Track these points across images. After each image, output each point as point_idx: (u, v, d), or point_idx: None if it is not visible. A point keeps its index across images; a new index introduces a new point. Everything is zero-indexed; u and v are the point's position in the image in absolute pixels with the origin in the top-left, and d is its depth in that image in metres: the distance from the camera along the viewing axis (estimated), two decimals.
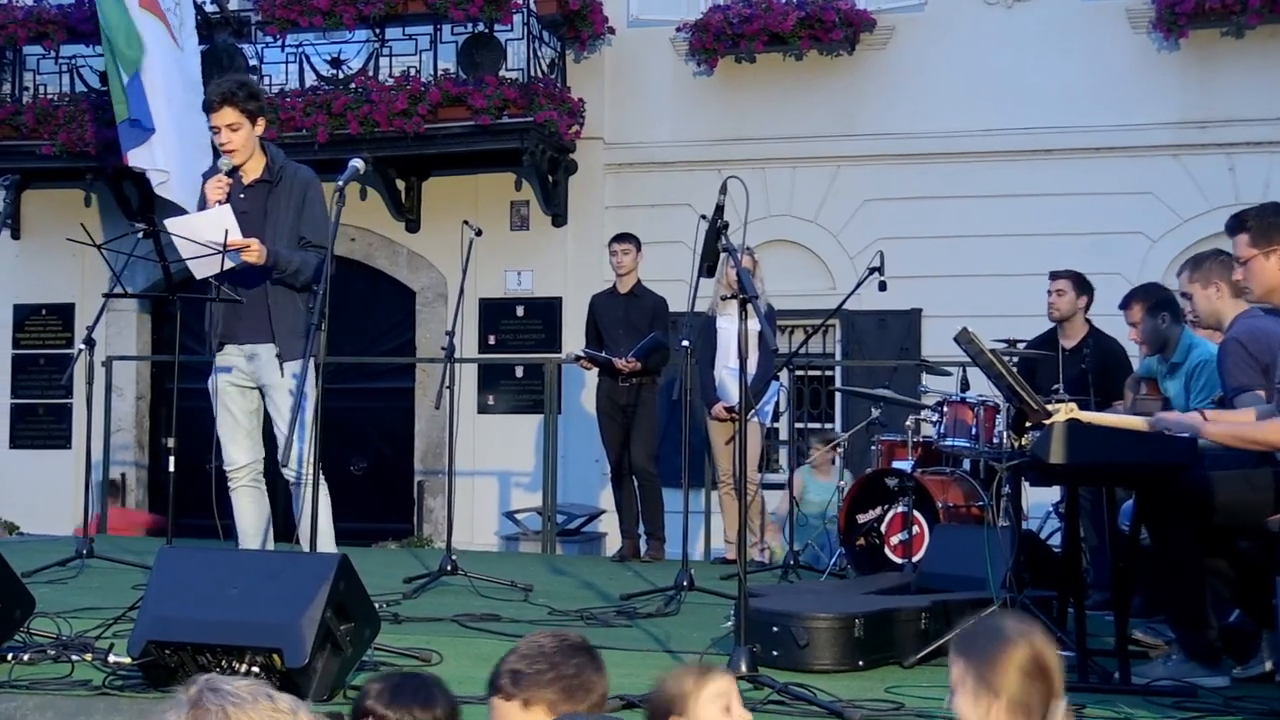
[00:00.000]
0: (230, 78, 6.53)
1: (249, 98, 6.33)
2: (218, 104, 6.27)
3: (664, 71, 13.20)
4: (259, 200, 6.35)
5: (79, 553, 8.05)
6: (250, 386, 6.43)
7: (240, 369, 6.41)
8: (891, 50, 12.69)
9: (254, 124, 6.36)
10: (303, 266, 6.28)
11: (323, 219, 6.39)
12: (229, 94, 6.27)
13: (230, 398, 6.41)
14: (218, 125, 6.30)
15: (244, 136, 6.32)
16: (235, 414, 6.42)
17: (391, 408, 13.68)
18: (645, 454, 9.72)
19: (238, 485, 6.43)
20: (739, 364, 5.56)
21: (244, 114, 6.29)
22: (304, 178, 6.44)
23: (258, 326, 6.35)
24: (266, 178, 6.39)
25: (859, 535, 8.43)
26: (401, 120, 12.21)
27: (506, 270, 13.20)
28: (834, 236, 12.69)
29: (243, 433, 6.44)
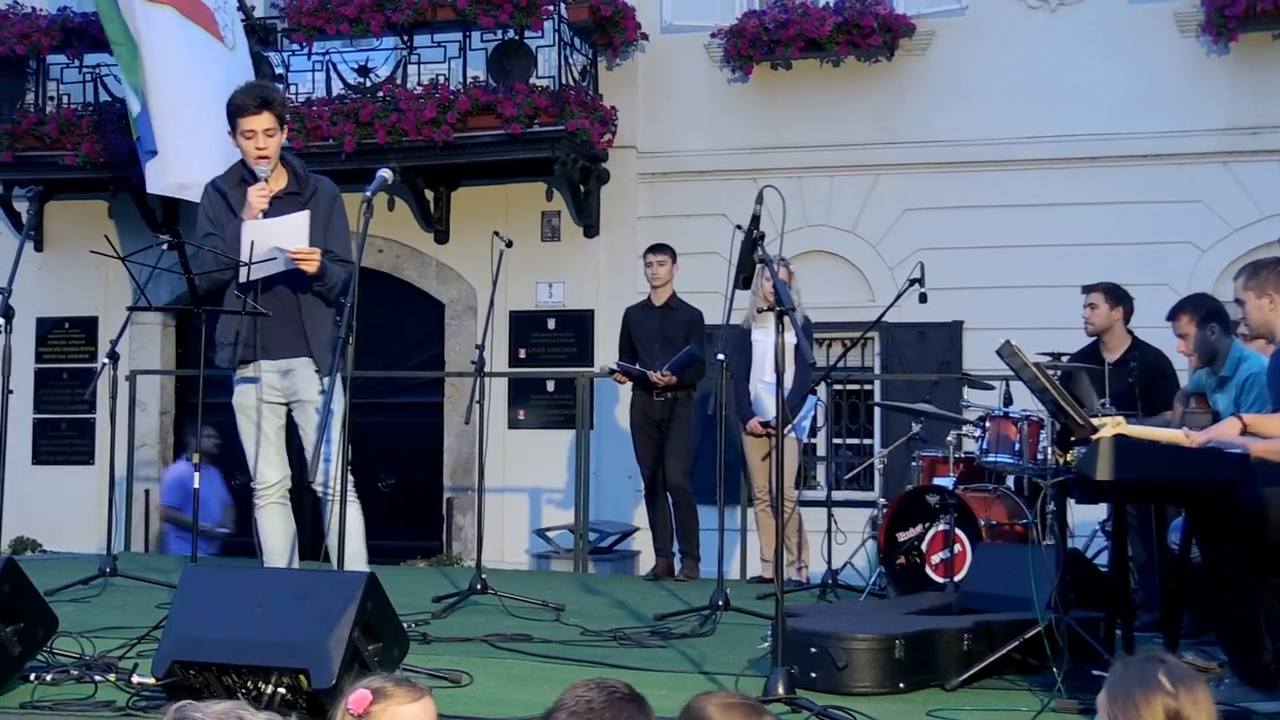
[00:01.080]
0: (262, 82, 6.54)
1: (281, 103, 6.36)
2: (256, 107, 6.21)
3: (698, 79, 13.21)
4: (289, 210, 6.32)
5: (102, 571, 8.09)
6: (281, 402, 6.42)
7: (273, 385, 6.38)
8: (931, 56, 12.67)
9: (282, 130, 6.36)
10: (338, 280, 6.30)
11: (346, 232, 6.42)
12: (267, 98, 6.24)
13: (262, 415, 6.40)
14: (254, 129, 6.22)
15: (278, 144, 6.31)
16: (267, 431, 6.40)
17: (420, 423, 13.70)
18: (680, 470, 9.72)
19: (267, 503, 6.42)
20: (775, 378, 5.55)
21: (278, 119, 6.28)
22: (330, 190, 6.46)
23: (292, 340, 6.33)
24: (294, 189, 6.36)
25: (899, 554, 8.40)
26: (430, 129, 12.25)
27: (537, 282, 13.22)
28: (873, 247, 12.67)
29: (274, 450, 6.43)
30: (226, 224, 6.33)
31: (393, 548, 12.22)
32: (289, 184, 6.39)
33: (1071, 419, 5.35)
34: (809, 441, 11.40)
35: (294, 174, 6.40)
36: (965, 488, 8.37)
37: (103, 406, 11.85)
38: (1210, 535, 5.26)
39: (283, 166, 6.40)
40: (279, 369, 6.38)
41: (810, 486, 12.34)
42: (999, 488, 8.46)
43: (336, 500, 6.13)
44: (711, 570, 8.41)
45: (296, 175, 6.40)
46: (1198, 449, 5.09)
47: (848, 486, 12.42)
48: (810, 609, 7.32)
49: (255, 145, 6.25)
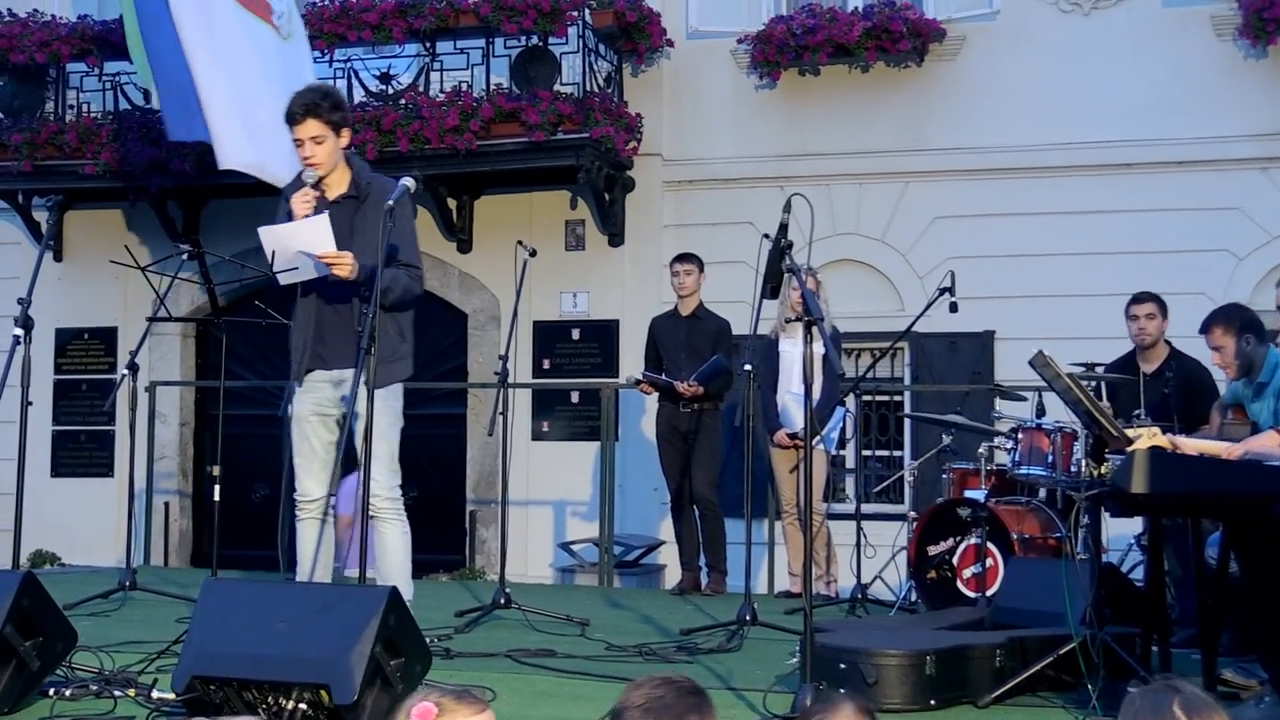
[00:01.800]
0: (313, 87, 6.50)
1: (333, 109, 6.29)
2: (300, 116, 6.23)
3: (724, 85, 13.21)
4: (345, 217, 6.30)
5: (121, 584, 8.11)
6: (334, 416, 6.36)
7: (327, 397, 6.33)
8: (962, 61, 12.65)
9: (338, 135, 6.31)
10: (393, 284, 6.17)
11: (413, 238, 6.36)
12: (312, 105, 6.24)
13: (312, 427, 6.34)
14: (300, 138, 6.25)
15: (328, 150, 6.27)
16: (314, 444, 6.35)
17: (442, 434, 13.72)
18: (706, 482, 9.71)
19: (306, 517, 6.37)
20: (803, 389, 5.55)
21: (328, 125, 6.25)
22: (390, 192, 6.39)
23: (346, 350, 6.26)
24: (353, 193, 6.34)
25: (930, 568, 8.38)
26: (453, 137, 12.28)
27: (562, 292, 13.24)
28: (903, 256, 12.65)
29: (319, 464, 6.35)
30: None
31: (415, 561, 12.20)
32: (348, 189, 6.38)
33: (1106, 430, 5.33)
34: (837, 453, 11.37)
35: (354, 178, 6.38)
36: (997, 500, 8.35)
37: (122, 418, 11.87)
38: (1249, 549, 5.23)
39: (345, 169, 6.38)
40: (332, 380, 6.32)
41: (839, 499, 12.32)
42: (1032, 501, 8.43)
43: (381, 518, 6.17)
44: (738, 584, 8.39)
45: (355, 179, 6.38)
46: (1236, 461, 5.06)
47: (877, 499, 12.39)
48: (839, 624, 7.30)
49: (303, 153, 6.28)
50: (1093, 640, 5.50)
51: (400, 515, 6.34)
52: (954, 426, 9.05)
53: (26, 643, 5.15)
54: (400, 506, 6.36)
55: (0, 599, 5.17)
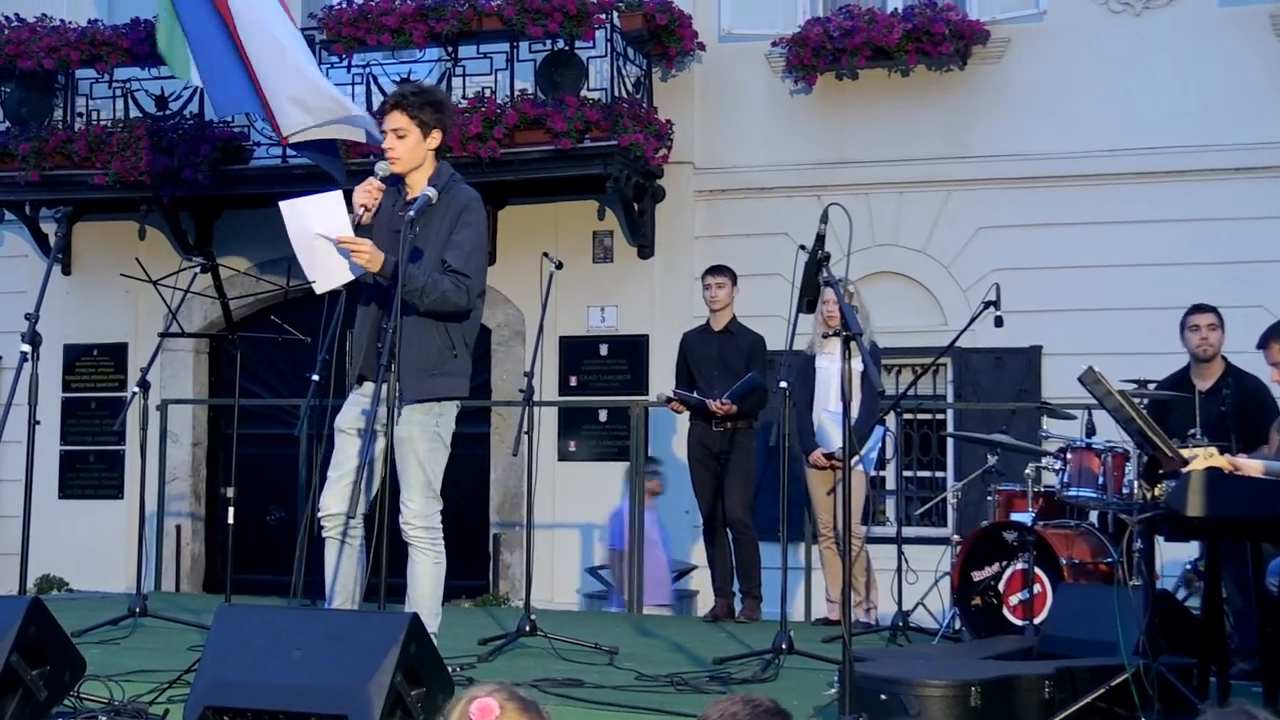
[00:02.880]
0: (416, 84, 6.56)
1: (423, 106, 6.27)
2: (389, 107, 6.32)
3: (758, 90, 13.22)
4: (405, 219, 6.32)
5: (131, 611, 8.14)
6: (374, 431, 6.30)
7: (365, 410, 6.21)
8: (1007, 64, 12.63)
9: (426, 135, 6.29)
10: (430, 287, 6.08)
11: (474, 246, 6.27)
12: (400, 98, 6.29)
13: (350, 440, 6.28)
14: (385, 129, 6.31)
15: (409, 145, 6.26)
16: (350, 457, 6.25)
17: (465, 454, 13.64)
18: (740, 505, 9.70)
19: (327, 535, 6.31)
20: (841, 407, 5.53)
21: (414, 121, 6.24)
22: (462, 199, 6.33)
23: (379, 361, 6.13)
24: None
25: (974, 594, 8.35)
26: (476, 145, 12.31)
27: (589, 306, 13.25)
28: (945, 268, 12.63)
29: (347, 480, 6.22)
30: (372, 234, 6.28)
31: None
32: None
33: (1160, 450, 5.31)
34: (877, 474, 11.33)
35: (433, 179, 6.30)
36: (1045, 524, 8.31)
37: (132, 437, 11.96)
38: None
39: (431, 167, 6.35)
40: (367, 393, 6.22)
41: (879, 522, 12.28)
42: (1081, 524, 8.39)
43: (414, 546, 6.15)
44: (774, 611, 8.37)
45: (432, 183, 6.27)
46: None
47: (919, 522, 12.36)
48: (880, 653, 7.28)
49: (386, 145, 6.31)
50: (1147, 671, 5.47)
51: (435, 544, 6.30)
52: (999, 446, 9.02)
53: (33, 672, 5.16)
54: (437, 536, 6.30)
55: (6, 626, 5.19)
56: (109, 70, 13.61)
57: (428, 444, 6.22)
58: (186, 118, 13.44)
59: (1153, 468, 5.54)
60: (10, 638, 5.14)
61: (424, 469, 6.19)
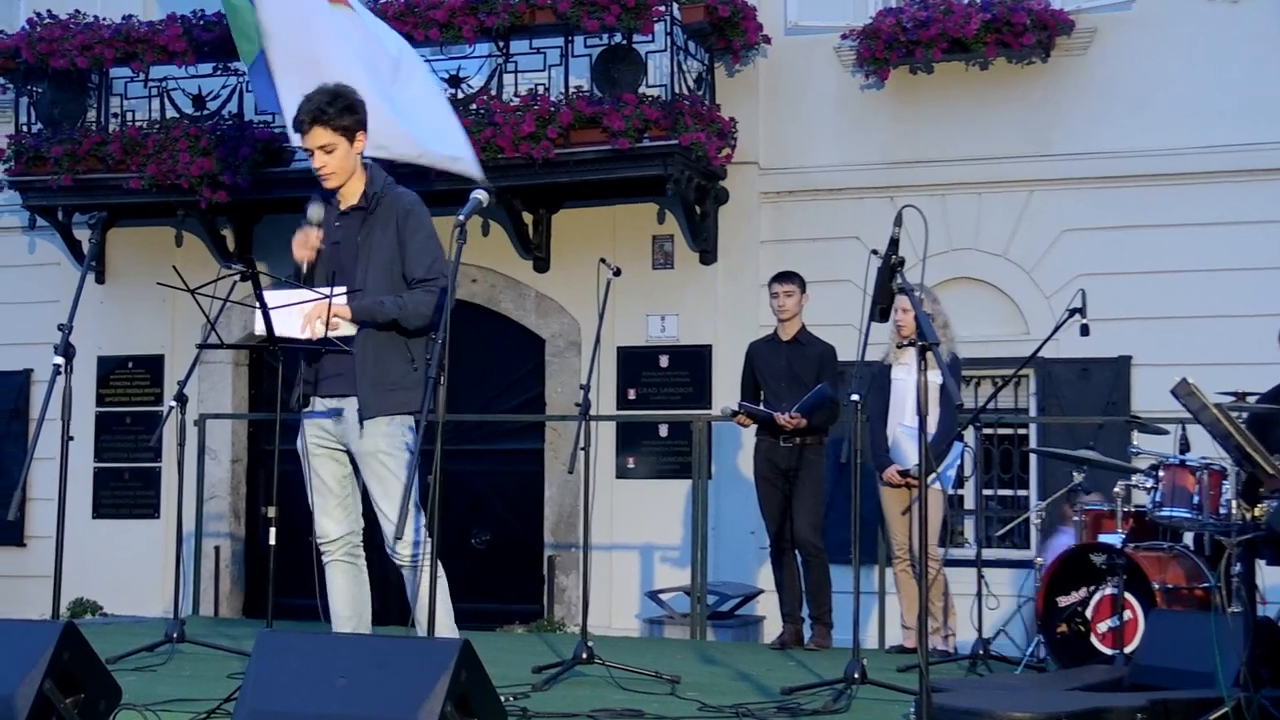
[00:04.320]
0: (320, 90, 6.48)
1: (342, 112, 6.28)
2: (307, 124, 6.25)
3: (827, 85, 13.19)
4: (352, 231, 6.32)
5: (169, 636, 8.19)
6: (339, 448, 6.36)
7: (325, 428, 6.34)
8: (1093, 56, 12.55)
9: (352, 142, 6.32)
10: (405, 313, 6.18)
11: (429, 248, 6.32)
12: (318, 112, 6.24)
13: (319, 461, 6.36)
14: (310, 148, 6.28)
15: (340, 158, 6.29)
16: (325, 479, 6.36)
17: (518, 472, 13.76)
18: (810, 525, 9.67)
19: (331, 560, 6.38)
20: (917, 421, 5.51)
21: (338, 132, 6.26)
22: (403, 205, 6.37)
23: (343, 376, 6.27)
24: (362, 205, 6.36)
25: (1060, 621, 8.30)
26: (528, 145, 12.34)
27: (648, 314, 13.25)
28: (1027, 273, 12.56)
29: (334, 501, 6.36)
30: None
31: (488, 611, 12.28)
32: (360, 199, 6.38)
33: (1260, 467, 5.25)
34: (955, 493, 11.28)
35: (365, 188, 6.38)
36: (1136, 546, 8.26)
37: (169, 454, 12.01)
38: None
39: (362, 179, 6.40)
40: (328, 410, 6.33)
41: (957, 544, 12.22)
42: (1175, 546, 8.33)
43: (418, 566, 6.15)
44: (846, 638, 8.35)
45: (366, 190, 6.37)
46: None
47: (1000, 544, 12.28)
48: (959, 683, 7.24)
49: (314, 164, 6.31)
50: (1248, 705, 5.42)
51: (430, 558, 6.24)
52: (1086, 463, 8.96)
53: (67, 700, 5.20)
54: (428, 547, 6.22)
55: (39, 652, 5.24)
56: (145, 69, 13.72)
57: (397, 455, 6.23)
58: (225, 118, 13.54)
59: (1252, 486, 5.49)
60: (43, 665, 5.19)
61: (399, 479, 6.17)
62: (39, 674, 5.17)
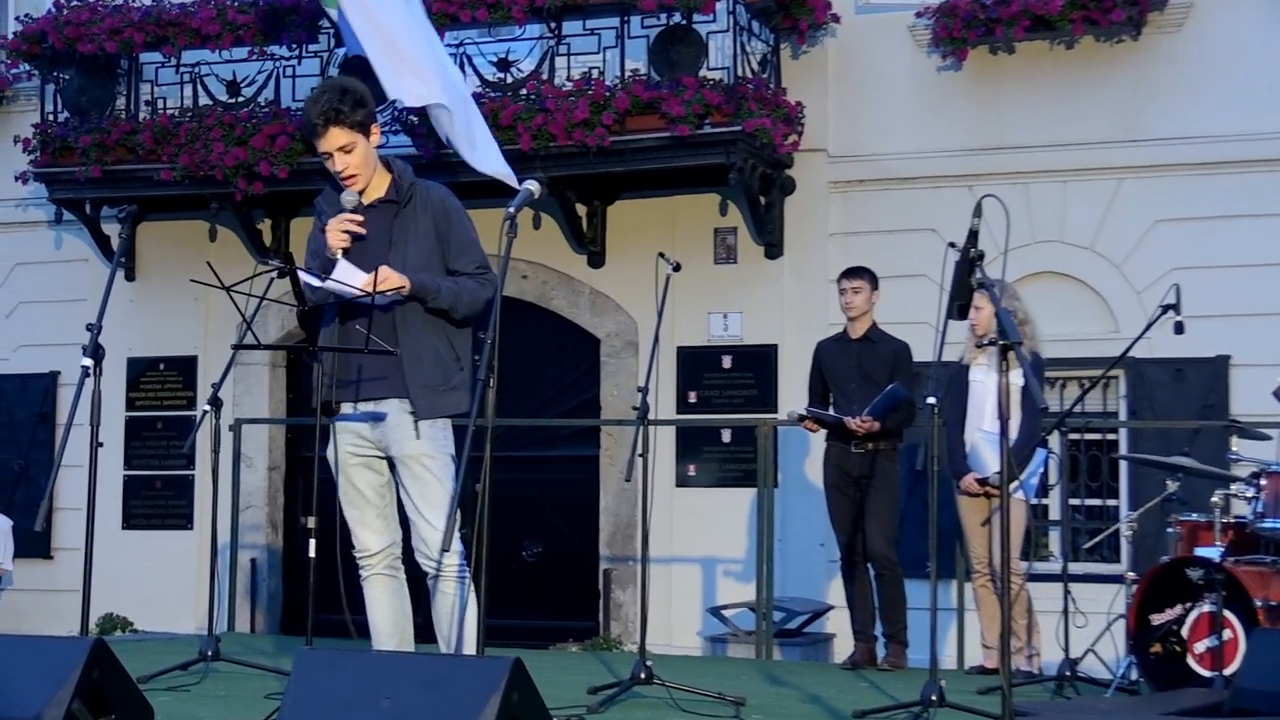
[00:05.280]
0: (329, 85, 6.47)
1: (355, 107, 6.27)
2: (322, 127, 6.23)
3: (901, 67, 13.16)
4: (382, 223, 6.32)
5: (203, 654, 8.24)
6: (377, 456, 6.37)
7: (362, 435, 6.34)
8: (1189, 33, 12.48)
9: (368, 136, 6.33)
10: (457, 297, 6.21)
11: (474, 239, 6.37)
12: (332, 112, 6.21)
13: (355, 470, 6.37)
14: (328, 151, 6.27)
15: (360, 156, 6.29)
16: (362, 489, 6.37)
17: (571, 480, 13.79)
18: (883, 537, 9.66)
19: (371, 574, 6.41)
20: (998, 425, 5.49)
21: (355, 129, 6.26)
22: (438, 196, 6.41)
23: (385, 377, 6.27)
24: (392, 197, 6.37)
25: (1154, 640, 8.25)
26: (582, 132, 12.36)
27: (710, 312, 13.26)
28: (1116, 267, 12.50)
29: (374, 512, 6.37)
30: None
31: (541, 628, 12.32)
32: (387, 192, 6.40)
33: None
34: (1038, 503, 11.23)
35: (394, 181, 6.41)
36: (1236, 560, 8.20)
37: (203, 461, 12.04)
38: None
39: (385, 172, 6.42)
40: (367, 414, 6.33)
41: (1041, 557, 12.18)
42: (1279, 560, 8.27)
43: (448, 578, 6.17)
44: (922, 658, 8.33)
45: (395, 183, 6.41)
46: None
47: (1088, 558, 12.23)
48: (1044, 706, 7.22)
49: (334, 168, 6.30)
50: None
51: (466, 572, 6.29)
52: (1181, 470, 8.90)
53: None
54: (464, 562, 6.30)
55: (67, 670, 5.28)
56: (176, 53, 13.81)
57: (442, 459, 6.24)
58: (261, 105, 13.62)
59: None
60: (72, 683, 5.23)
61: (445, 487, 6.20)
62: (67, 693, 5.21)
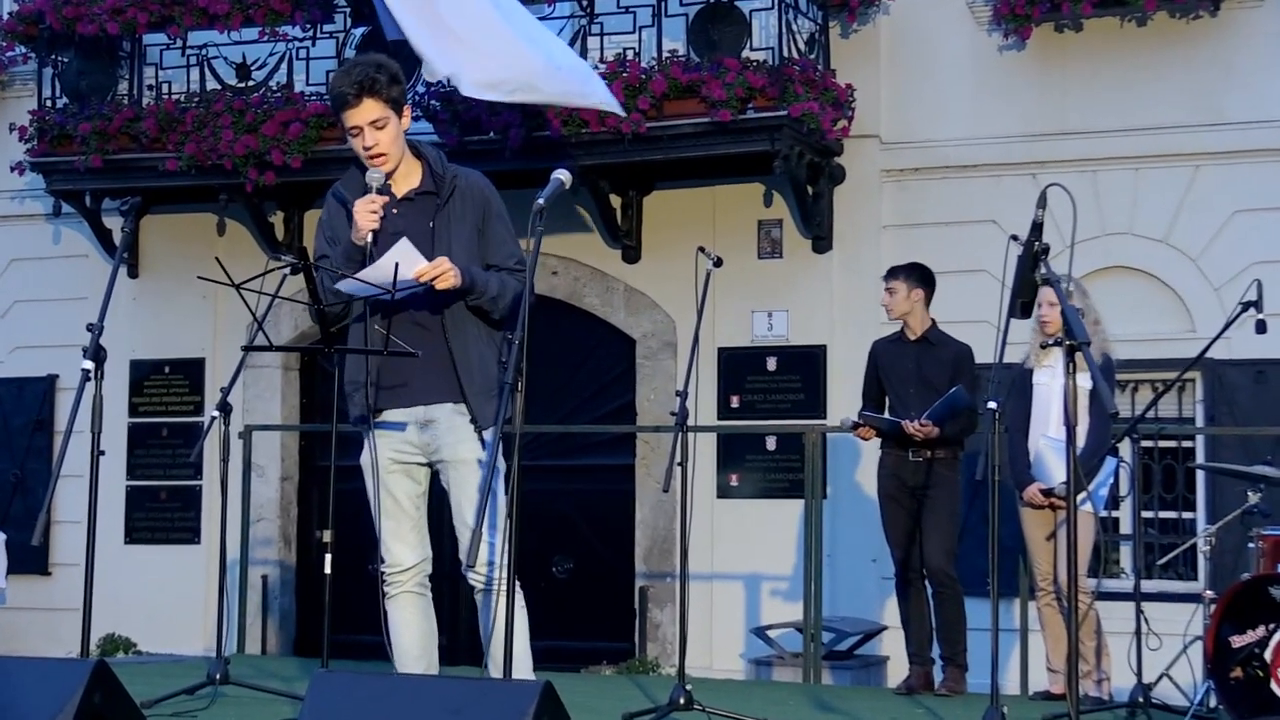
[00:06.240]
0: (364, 59, 6.47)
1: (392, 81, 6.25)
2: (354, 97, 6.17)
3: (959, 47, 13.13)
4: (420, 217, 6.30)
5: (211, 677, 8.27)
6: (420, 463, 6.39)
7: (410, 440, 6.33)
8: (1271, 8, 12.43)
9: (400, 116, 6.31)
10: (501, 293, 6.21)
11: (511, 233, 6.39)
12: (368, 82, 6.17)
13: (394, 477, 6.37)
14: (358, 125, 6.22)
15: (392, 135, 6.26)
16: (399, 498, 6.38)
17: (605, 491, 13.79)
18: (942, 552, 9.64)
19: (400, 591, 6.40)
20: (1064, 432, 5.48)
21: (389, 105, 6.23)
22: (481, 187, 6.41)
23: (436, 381, 6.26)
24: (430, 188, 6.35)
25: (1234, 664, 8.22)
26: (616, 118, 12.35)
27: (754, 311, 13.25)
28: (1192, 261, 12.45)
29: (409, 524, 6.38)
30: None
31: (573, 650, 12.31)
32: (422, 181, 6.40)
33: None
34: (1108, 515, 11.20)
35: (428, 168, 6.40)
36: None
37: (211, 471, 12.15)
38: None
39: (414, 159, 6.42)
40: (417, 419, 6.32)
41: (1112, 574, 12.14)
42: None
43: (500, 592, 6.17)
44: (982, 682, 8.32)
45: (431, 170, 6.39)
46: None
47: (1162, 575, 12.20)
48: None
49: (363, 144, 6.25)
50: None
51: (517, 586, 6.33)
52: (1263, 481, 8.88)
53: None
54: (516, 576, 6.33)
55: (67, 695, 5.30)
56: (182, 34, 13.85)
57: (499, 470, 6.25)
58: (273, 89, 13.66)
59: None
60: (72, 708, 5.25)
61: (499, 493, 6.21)
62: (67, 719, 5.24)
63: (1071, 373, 5.42)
